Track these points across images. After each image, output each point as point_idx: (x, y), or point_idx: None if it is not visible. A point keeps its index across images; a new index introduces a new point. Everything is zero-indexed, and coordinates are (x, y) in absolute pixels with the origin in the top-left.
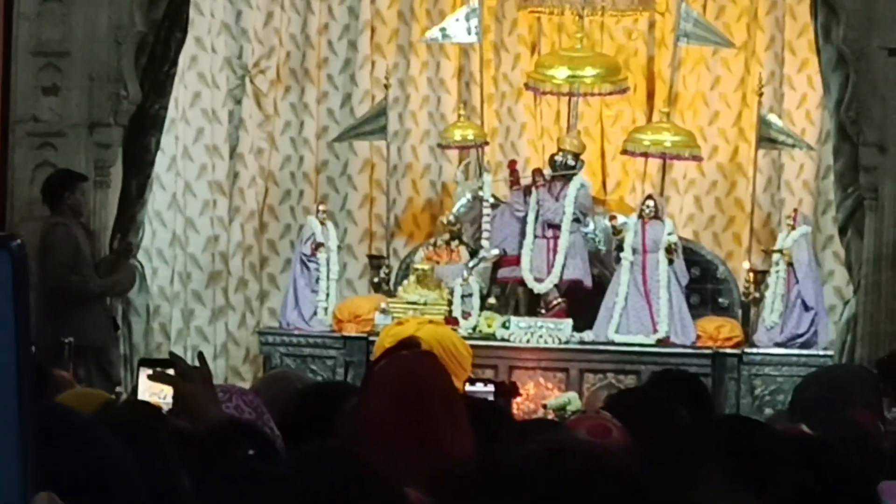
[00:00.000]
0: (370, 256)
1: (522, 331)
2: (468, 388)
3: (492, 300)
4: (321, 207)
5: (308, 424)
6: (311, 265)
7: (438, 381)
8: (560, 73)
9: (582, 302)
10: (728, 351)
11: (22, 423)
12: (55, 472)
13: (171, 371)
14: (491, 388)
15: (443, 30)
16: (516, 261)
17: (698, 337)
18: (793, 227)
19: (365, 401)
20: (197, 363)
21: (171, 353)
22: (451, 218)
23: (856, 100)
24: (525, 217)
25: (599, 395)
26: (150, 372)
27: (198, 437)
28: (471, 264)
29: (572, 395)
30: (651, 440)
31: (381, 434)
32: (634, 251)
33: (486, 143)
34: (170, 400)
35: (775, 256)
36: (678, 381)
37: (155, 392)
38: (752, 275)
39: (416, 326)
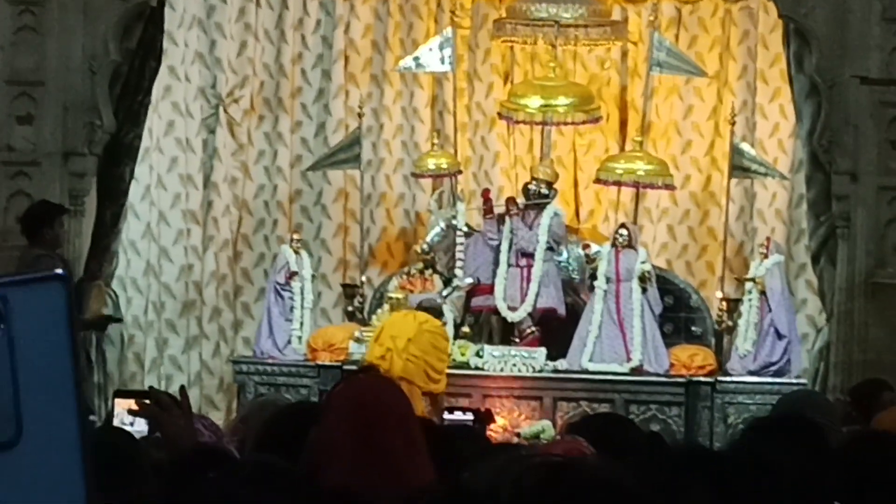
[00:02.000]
0: (344, 285)
1: (496, 359)
2: (447, 416)
3: (465, 329)
4: (295, 236)
5: (287, 442)
6: (286, 294)
7: (394, 404)
8: (533, 102)
9: (555, 330)
10: (701, 379)
11: (83, 443)
12: None
13: (145, 401)
14: (470, 416)
15: (416, 59)
16: (490, 289)
17: (672, 365)
18: (765, 256)
19: (322, 423)
20: (175, 393)
21: (150, 388)
22: (425, 247)
23: (828, 129)
24: (499, 246)
25: None
26: (126, 402)
27: (167, 463)
28: (444, 293)
29: (546, 423)
30: (616, 458)
31: (337, 455)
32: (608, 280)
33: (460, 172)
34: (141, 428)
35: (748, 285)
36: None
37: (126, 422)
38: (725, 303)
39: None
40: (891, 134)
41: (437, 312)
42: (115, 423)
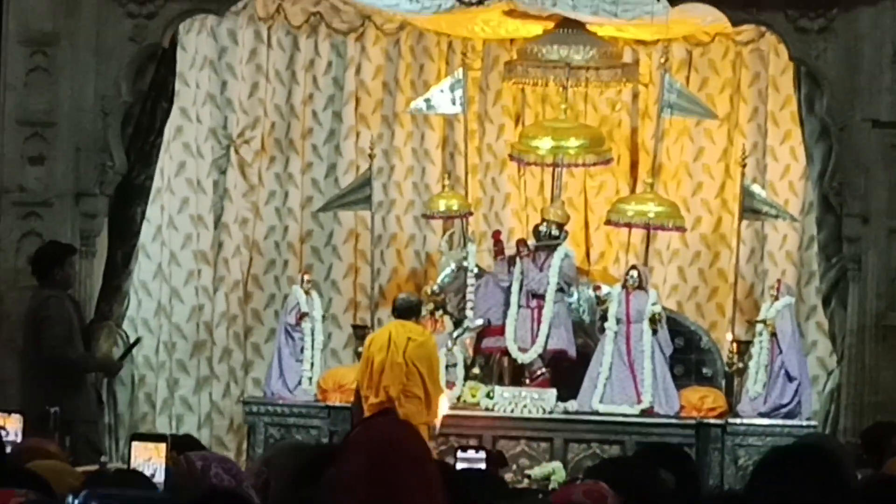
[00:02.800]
0: (355, 326)
1: (506, 401)
2: (460, 454)
3: (476, 370)
4: (306, 277)
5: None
6: (296, 335)
7: (411, 447)
8: (544, 143)
9: (566, 372)
10: (712, 421)
11: None
12: None
13: (161, 444)
14: (482, 454)
15: (427, 101)
16: (500, 331)
17: (682, 407)
18: (776, 298)
19: (339, 465)
20: (181, 433)
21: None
22: (436, 288)
23: (839, 171)
24: (509, 287)
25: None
26: (142, 445)
27: None
28: (455, 334)
29: (556, 464)
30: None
31: (352, 497)
32: (618, 321)
33: (471, 214)
34: (161, 469)
35: (759, 327)
36: (663, 452)
37: (145, 461)
38: (735, 345)
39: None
40: None
41: (416, 307)
42: (133, 463)
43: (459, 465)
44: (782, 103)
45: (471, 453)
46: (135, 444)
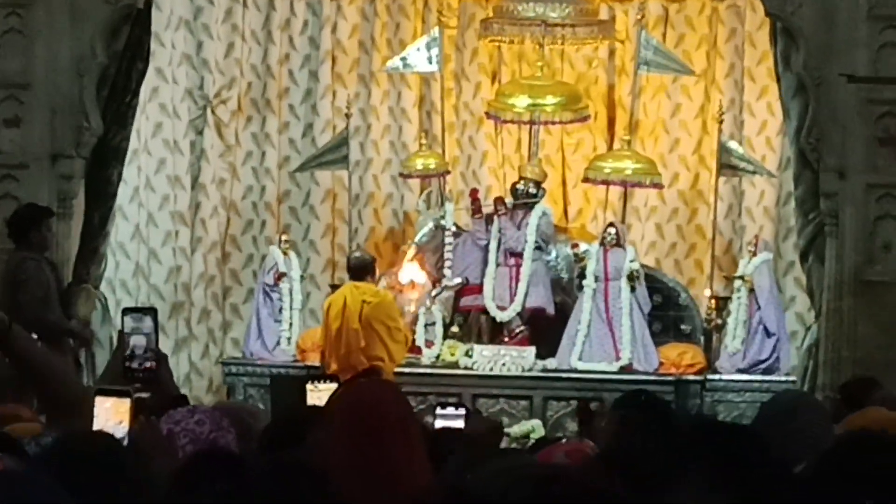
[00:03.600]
0: (333, 286)
1: (486, 359)
2: (439, 411)
3: (455, 329)
4: (283, 237)
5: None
6: (274, 295)
7: (393, 408)
8: (521, 101)
9: (545, 330)
10: (691, 377)
11: None
12: None
13: (127, 400)
14: (462, 411)
15: (404, 59)
16: (479, 289)
17: (661, 364)
18: (754, 254)
19: (323, 426)
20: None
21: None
22: (414, 247)
23: (816, 126)
24: (487, 245)
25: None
26: (108, 400)
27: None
28: (433, 293)
29: (536, 422)
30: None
31: (335, 458)
32: (597, 279)
33: (448, 172)
34: (124, 430)
35: (737, 283)
36: (645, 406)
37: (110, 420)
38: (713, 301)
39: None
40: (878, 131)
41: (370, 266)
42: (97, 421)
43: (439, 423)
44: (759, 59)
45: (450, 410)
46: (98, 399)
